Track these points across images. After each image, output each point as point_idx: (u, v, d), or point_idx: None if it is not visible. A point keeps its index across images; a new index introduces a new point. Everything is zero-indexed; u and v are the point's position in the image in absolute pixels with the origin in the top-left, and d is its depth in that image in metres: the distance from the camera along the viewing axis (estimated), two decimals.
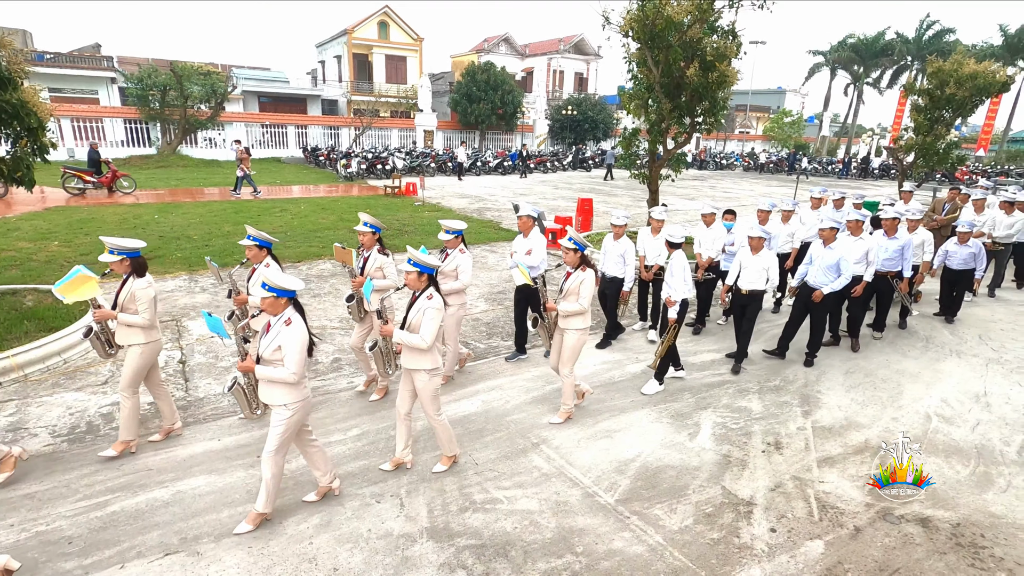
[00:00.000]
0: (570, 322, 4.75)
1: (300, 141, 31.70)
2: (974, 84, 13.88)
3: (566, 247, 4.67)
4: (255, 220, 13.27)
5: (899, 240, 6.88)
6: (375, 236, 5.07)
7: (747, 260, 6.07)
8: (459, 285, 5.22)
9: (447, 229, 5.22)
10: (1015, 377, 6.22)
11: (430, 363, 3.90)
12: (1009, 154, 42.58)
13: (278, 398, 3.44)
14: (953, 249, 7.72)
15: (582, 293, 4.64)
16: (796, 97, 55.94)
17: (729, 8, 9.55)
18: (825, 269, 6.15)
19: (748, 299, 6.08)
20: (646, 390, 5.61)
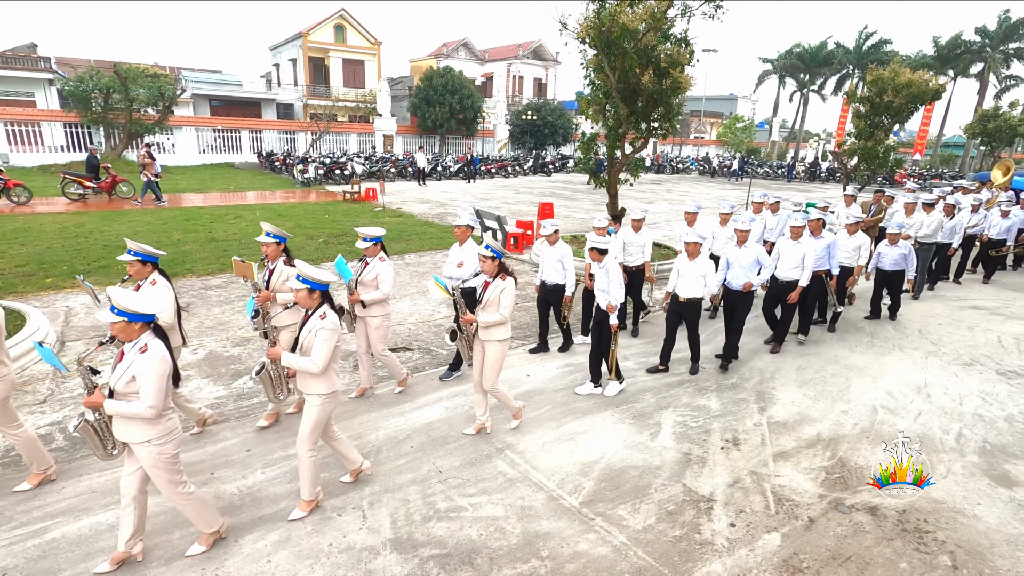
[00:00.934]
0: (491, 333, 4.52)
1: (254, 146, 30.84)
2: (910, 92, 14.67)
3: (482, 255, 4.43)
4: (207, 227, 12.83)
5: (824, 240, 7.02)
6: (280, 247, 4.77)
7: (684, 267, 5.98)
8: (380, 295, 5.00)
9: (364, 236, 4.99)
10: (952, 369, 6.58)
11: (325, 387, 3.60)
12: (942, 158, 45.21)
13: (137, 435, 3.05)
14: (884, 251, 7.92)
15: (503, 303, 4.43)
16: (747, 103, 57.94)
17: (681, 17, 9.80)
18: (743, 269, 6.22)
19: (686, 307, 5.99)
20: (608, 392, 5.64)
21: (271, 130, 31.89)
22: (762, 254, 6.27)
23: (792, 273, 6.68)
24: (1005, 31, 37.95)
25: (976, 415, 5.49)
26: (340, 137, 33.08)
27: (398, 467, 4.35)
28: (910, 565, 3.53)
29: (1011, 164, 14.91)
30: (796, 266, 6.65)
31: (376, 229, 5.07)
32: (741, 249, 6.28)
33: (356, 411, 5.19)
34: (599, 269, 5.46)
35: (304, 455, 3.67)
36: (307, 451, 3.67)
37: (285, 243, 4.84)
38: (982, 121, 31.28)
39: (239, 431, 4.75)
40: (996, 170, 15.25)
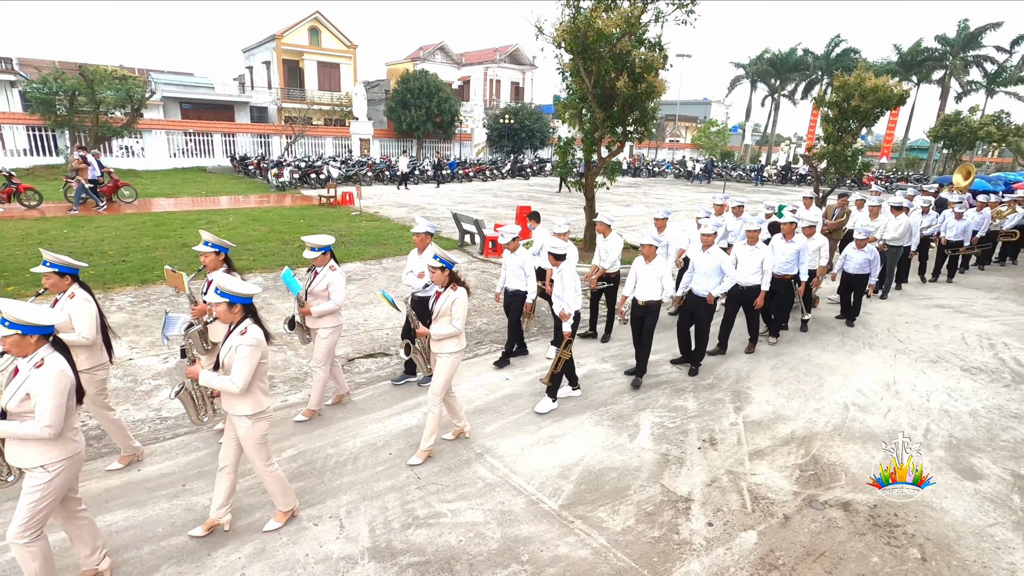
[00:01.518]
0: (443, 346, 4.37)
1: (227, 150, 30.29)
2: (875, 97, 15.10)
3: (432, 265, 4.27)
4: (179, 233, 12.55)
5: (795, 244, 7.04)
6: (220, 257, 4.51)
7: (641, 270, 5.87)
8: (331, 306, 4.79)
9: (312, 246, 4.76)
10: (919, 366, 6.77)
11: (251, 408, 3.37)
12: (908, 161, 46.61)
13: (31, 459, 2.79)
14: (850, 254, 7.95)
15: (455, 314, 4.27)
16: (721, 108, 58.96)
17: (655, 22, 9.95)
18: (706, 274, 6.16)
19: (644, 310, 5.86)
20: (539, 408, 5.34)
21: (245, 133, 31.35)
22: (725, 262, 6.16)
23: (752, 278, 6.63)
24: (965, 39, 39.32)
25: (942, 411, 5.65)
26: (316, 141, 32.69)
27: (376, 474, 4.30)
28: (881, 559, 3.61)
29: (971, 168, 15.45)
30: (755, 271, 6.61)
31: (324, 238, 4.85)
32: (704, 254, 6.23)
33: (333, 418, 5.12)
34: (556, 275, 5.37)
35: (263, 473, 3.56)
36: (264, 468, 3.54)
37: (226, 253, 4.58)
38: (944, 125, 32.34)
39: (211, 441, 4.64)
40: (957, 174, 15.77)
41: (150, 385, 5.63)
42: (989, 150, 43.84)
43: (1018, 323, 8.59)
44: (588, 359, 6.65)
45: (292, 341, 6.92)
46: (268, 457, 3.58)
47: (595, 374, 6.24)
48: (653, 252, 5.82)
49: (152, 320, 7.30)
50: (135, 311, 7.62)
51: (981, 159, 47.05)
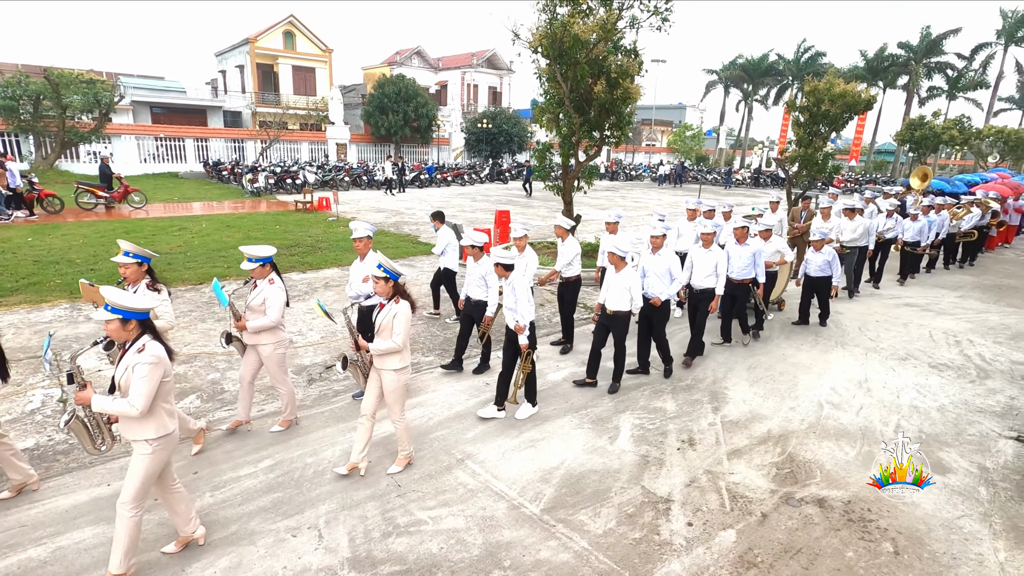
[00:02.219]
0: (385, 362, 4.12)
1: (200, 155, 29.74)
2: (844, 102, 15.50)
3: (375, 275, 4.06)
4: (149, 240, 12.26)
5: (750, 248, 7.01)
6: (142, 268, 4.21)
7: (610, 279, 5.73)
8: (267, 322, 4.51)
9: (250, 257, 4.51)
10: (889, 364, 6.94)
11: (154, 431, 3.11)
12: (876, 164, 47.94)
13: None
14: (810, 257, 7.97)
15: (395, 328, 4.03)
16: (695, 112, 59.88)
17: (631, 29, 10.06)
18: (658, 276, 6.07)
19: (612, 320, 5.76)
20: (519, 415, 5.29)
21: (218, 138, 30.83)
22: (674, 264, 6.08)
23: (707, 281, 6.57)
24: (927, 46, 40.66)
25: (912, 407, 5.81)
26: (291, 145, 32.28)
27: (355, 483, 4.24)
28: (856, 553, 3.68)
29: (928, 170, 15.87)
30: (710, 274, 6.55)
31: (264, 248, 4.60)
32: (655, 256, 6.11)
33: (311, 427, 5.04)
34: (506, 286, 5.18)
35: (125, 515, 3.10)
36: (130, 511, 3.10)
37: (149, 264, 4.29)
38: (909, 129, 33.35)
39: (184, 453, 4.54)
40: (914, 177, 16.20)
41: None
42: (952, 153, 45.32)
43: (982, 320, 8.88)
44: (567, 362, 6.68)
45: None
46: (143, 499, 3.18)
47: (576, 376, 6.25)
48: (620, 261, 5.65)
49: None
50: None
51: (945, 162, 48.61)
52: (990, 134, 33.33)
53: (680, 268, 6.21)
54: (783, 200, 10.42)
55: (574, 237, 6.95)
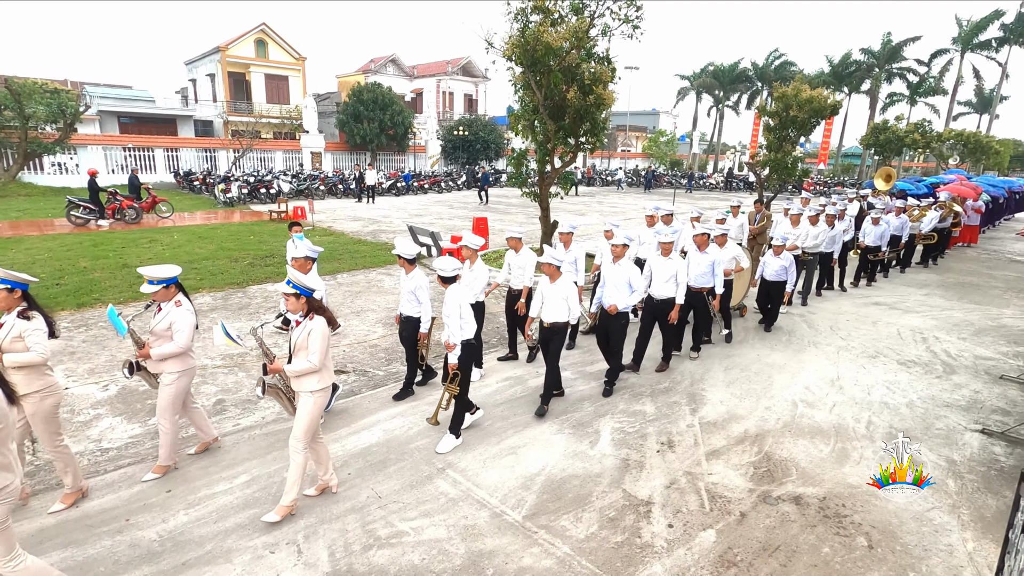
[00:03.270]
0: (303, 383, 3.87)
1: (170, 165, 29.17)
2: (811, 107, 15.93)
3: (285, 292, 3.82)
4: (119, 253, 11.96)
5: (709, 256, 6.86)
6: (16, 294, 3.75)
7: (546, 289, 5.42)
8: (174, 348, 4.16)
9: (151, 279, 4.11)
10: (860, 361, 7.12)
11: None
12: (843, 167, 49.26)
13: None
14: (768, 260, 7.95)
15: (311, 347, 3.81)
16: (669, 118, 60.87)
17: (603, 36, 10.19)
18: (617, 287, 5.85)
19: (550, 333, 5.46)
20: (440, 448, 4.84)
21: (189, 148, 30.28)
22: (634, 276, 5.86)
23: (667, 290, 6.39)
24: (889, 52, 42.03)
25: (882, 403, 5.96)
26: (265, 155, 31.88)
27: (334, 496, 4.19)
28: (832, 549, 3.76)
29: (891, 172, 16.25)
30: (669, 279, 6.38)
31: (167, 269, 4.23)
32: (615, 267, 5.90)
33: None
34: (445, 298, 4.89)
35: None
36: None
37: (26, 290, 3.85)
38: (874, 133, 34.35)
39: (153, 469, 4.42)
40: (878, 178, 16.59)
41: (89, 415, 5.32)
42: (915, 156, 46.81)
43: (946, 317, 9.17)
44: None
45: (243, 362, 6.70)
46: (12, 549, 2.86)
47: None
48: (555, 271, 5.38)
49: (91, 346, 6.92)
50: (71, 337, 7.20)
51: (909, 164, 50.18)
52: (950, 137, 34.52)
53: (639, 279, 5.98)
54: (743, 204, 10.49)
55: (528, 248, 6.70)
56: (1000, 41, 40.13)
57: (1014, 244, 17.54)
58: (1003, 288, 11.46)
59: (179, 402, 4.36)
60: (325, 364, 3.93)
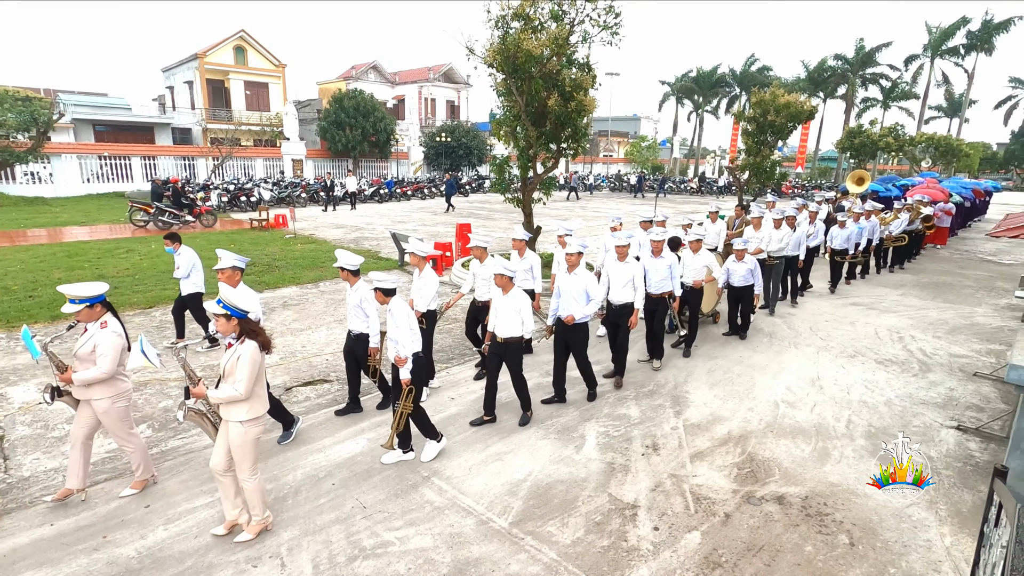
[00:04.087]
0: (230, 412, 3.57)
1: (148, 173, 28.69)
2: (788, 112, 16.23)
3: (215, 312, 3.51)
4: (95, 263, 11.73)
5: (665, 260, 6.70)
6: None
7: (498, 301, 5.18)
8: (99, 374, 3.82)
9: (73, 298, 3.77)
10: (839, 361, 7.24)
11: None
12: (820, 170, 50.20)
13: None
14: (733, 267, 7.79)
15: (239, 373, 3.49)
16: (650, 123, 61.50)
17: (583, 43, 10.29)
18: (574, 298, 5.57)
19: (504, 348, 5.22)
20: (425, 456, 4.76)
21: (167, 156, 29.83)
22: (591, 285, 5.63)
23: (625, 295, 6.18)
24: (862, 58, 43.02)
25: (861, 402, 6.06)
26: (245, 162, 31.54)
27: (319, 507, 4.14)
28: (814, 547, 3.81)
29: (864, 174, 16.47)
30: (626, 284, 6.16)
31: (90, 287, 3.84)
32: (570, 276, 5.64)
33: (271, 452, 4.89)
34: (387, 314, 4.60)
35: None
36: None
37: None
38: (849, 137, 35.11)
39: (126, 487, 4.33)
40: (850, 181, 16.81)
41: (64, 430, 5.19)
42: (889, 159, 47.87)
43: (921, 316, 9.37)
44: (531, 373, 6.69)
45: None
46: None
47: (540, 387, 6.26)
48: (507, 282, 5.12)
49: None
50: None
51: (883, 167, 51.29)
52: (922, 140, 35.39)
53: (597, 288, 5.76)
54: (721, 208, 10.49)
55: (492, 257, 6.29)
56: (967, 48, 41.34)
57: (984, 244, 18.01)
58: (975, 287, 11.75)
59: (127, 421, 4.11)
60: (257, 392, 3.62)
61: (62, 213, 20.24)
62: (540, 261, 7.07)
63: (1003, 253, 16.29)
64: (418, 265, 5.73)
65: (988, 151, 57.05)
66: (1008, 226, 5.14)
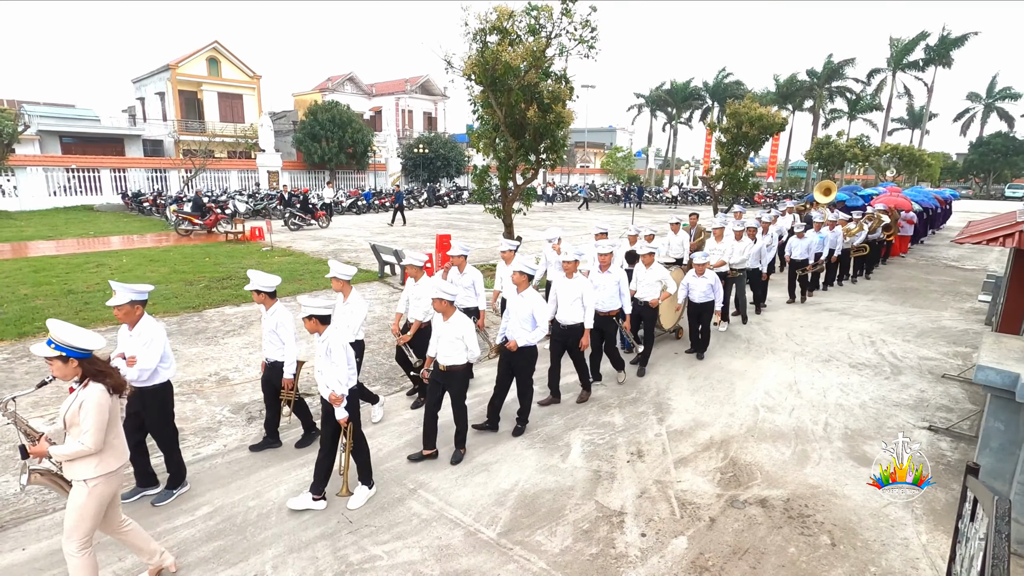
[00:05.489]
0: (75, 469, 3.00)
1: (118, 186, 28.07)
2: (761, 124, 16.70)
3: (47, 356, 2.91)
4: (63, 278, 11.40)
5: (613, 276, 6.33)
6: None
7: (439, 327, 4.76)
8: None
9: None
10: (815, 366, 7.42)
11: None
12: (790, 180, 51.56)
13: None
14: (692, 281, 7.43)
15: (83, 424, 2.94)
16: (625, 134, 62.48)
17: (560, 56, 10.46)
18: (522, 321, 5.21)
19: (447, 377, 4.77)
20: (352, 504, 4.24)
21: (138, 168, 29.23)
22: (538, 308, 5.24)
23: (574, 314, 5.82)
24: (829, 72, 44.48)
25: (837, 405, 6.21)
26: (219, 174, 31.08)
27: (303, 523, 4.07)
28: (797, 549, 3.88)
29: (830, 184, 16.83)
30: (574, 302, 5.79)
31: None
32: (518, 297, 5.27)
33: (253, 467, 4.80)
34: (318, 344, 4.13)
35: None
36: None
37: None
38: (818, 148, 36.20)
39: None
40: (817, 191, 17.18)
41: None
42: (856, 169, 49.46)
43: (891, 321, 9.66)
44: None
45: (202, 388, 6.47)
46: None
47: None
48: (451, 307, 4.72)
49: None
50: (12, 369, 6.81)
51: (851, 177, 52.92)
52: (886, 151, 36.64)
53: (544, 315, 5.32)
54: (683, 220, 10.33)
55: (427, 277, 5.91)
56: (926, 62, 43.08)
57: (948, 250, 18.66)
58: (940, 292, 12.17)
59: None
60: (110, 443, 3.06)
61: (27, 227, 19.64)
62: (483, 277, 6.52)
63: (965, 259, 16.90)
64: (343, 291, 5.34)
65: (948, 161, 59.32)
66: (970, 233, 5.37)
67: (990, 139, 54.59)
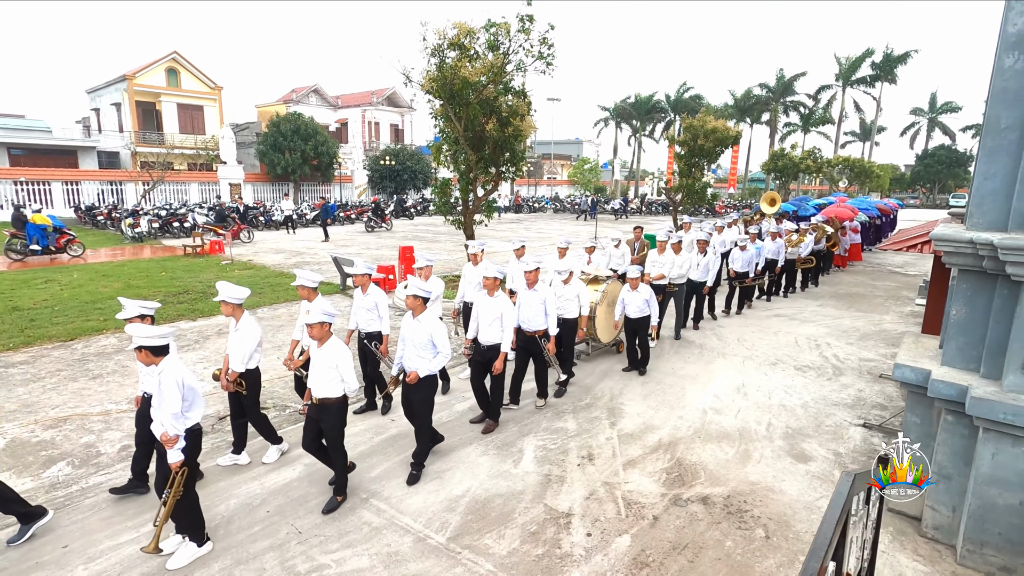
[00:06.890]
0: None
1: (70, 199, 27.17)
2: (716, 137, 17.30)
3: None
4: (8, 295, 11.00)
5: (539, 294, 6.00)
6: None
7: (314, 354, 4.30)
8: None
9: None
10: (762, 369, 7.72)
11: None
12: (750, 191, 53.18)
13: None
14: (627, 296, 7.24)
15: None
16: (592, 146, 63.58)
17: (518, 72, 10.70)
18: (416, 348, 4.73)
19: (319, 410, 4.31)
20: (172, 565, 3.70)
21: (92, 181, 28.39)
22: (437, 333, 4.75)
23: (492, 335, 5.53)
24: (782, 87, 46.25)
25: (781, 405, 6.50)
26: (178, 187, 30.40)
27: (252, 535, 4.07)
28: (734, 542, 4.07)
29: (775, 195, 17.29)
30: (493, 322, 5.53)
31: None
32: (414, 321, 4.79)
33: (204, 482, 4.75)
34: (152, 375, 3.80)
35: None
36: None
37: None
38: (774, 159, 37.55)
39: (53, 524, 4.12)
40: (763, 202, 17.67)
41: None
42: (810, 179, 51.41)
43: (837, 325, 10.11)
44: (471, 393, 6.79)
45: None
46: None
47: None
48: (419, 304, 4.70)
49: None
50: None
51: (806, 187, 54.96)
52: (838, 163, 38.25)
53: (446, 338, 4.81)
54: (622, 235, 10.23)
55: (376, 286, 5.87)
56: (873, 78, 45.24)
57: (894, 257, 19.56)
58: (884, 297, 12.77)
59: None
60: None
61: None
62: (386, 297, 6.02)
63: (909, 265, 17.74)
64: (234, 315, 4.83)
65: (897, 172, 62.16)
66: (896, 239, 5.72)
67: (935, 151, 57.58)
